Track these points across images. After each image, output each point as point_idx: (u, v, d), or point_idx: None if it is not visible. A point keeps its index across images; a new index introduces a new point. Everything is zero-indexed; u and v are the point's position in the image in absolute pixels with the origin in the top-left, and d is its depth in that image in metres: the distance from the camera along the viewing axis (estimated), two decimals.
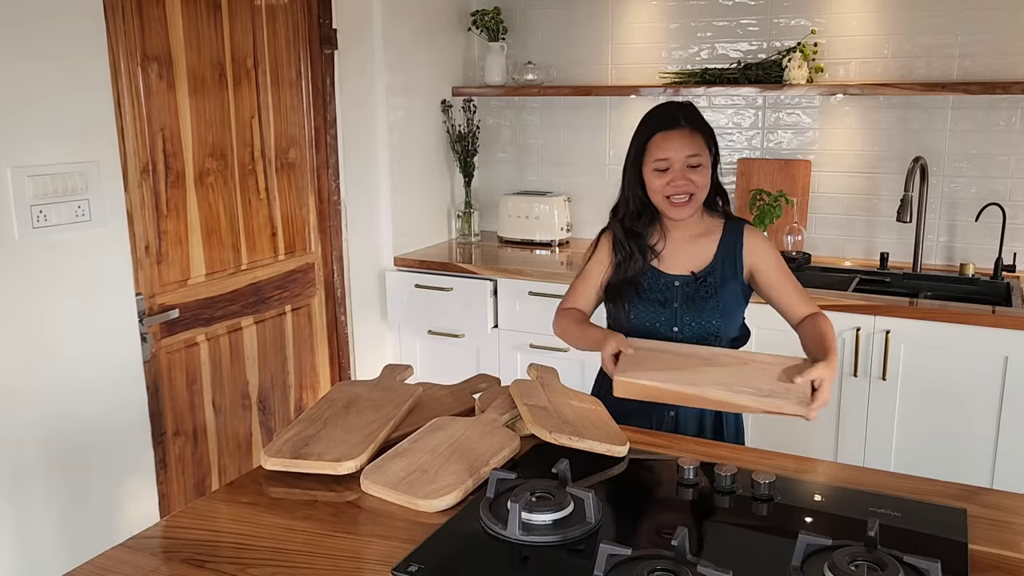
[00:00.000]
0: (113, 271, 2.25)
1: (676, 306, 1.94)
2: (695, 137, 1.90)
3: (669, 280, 1.95)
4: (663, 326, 1.94)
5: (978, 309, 2.56)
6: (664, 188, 1.90)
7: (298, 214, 2.93)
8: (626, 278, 1.97)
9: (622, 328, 1.99)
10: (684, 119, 1.90)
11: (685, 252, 1.97)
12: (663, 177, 1.89)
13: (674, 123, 1.90)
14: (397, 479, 1.41)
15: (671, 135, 1.89)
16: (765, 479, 1.37)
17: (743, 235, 1.97)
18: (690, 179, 1.88)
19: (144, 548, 1.28)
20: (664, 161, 1.89)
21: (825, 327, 1.85)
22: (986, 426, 2.56)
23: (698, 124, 1.92)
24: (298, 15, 2.85)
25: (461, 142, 3.60)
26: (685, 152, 1.88)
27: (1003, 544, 1.24)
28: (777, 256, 1.97)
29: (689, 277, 1.95)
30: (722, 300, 1.93)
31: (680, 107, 1.95)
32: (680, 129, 1.89)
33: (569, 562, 1.21)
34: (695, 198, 1.90)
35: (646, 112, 1.97)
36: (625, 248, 1.97)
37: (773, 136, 3.29)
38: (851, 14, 3.09)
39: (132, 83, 2.29)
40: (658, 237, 1.98)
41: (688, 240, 1.98)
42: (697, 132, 1.90)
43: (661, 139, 1.90)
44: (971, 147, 3.01)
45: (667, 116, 1.92)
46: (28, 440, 2.08)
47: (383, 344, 3.41)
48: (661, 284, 1.95)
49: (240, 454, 2.77)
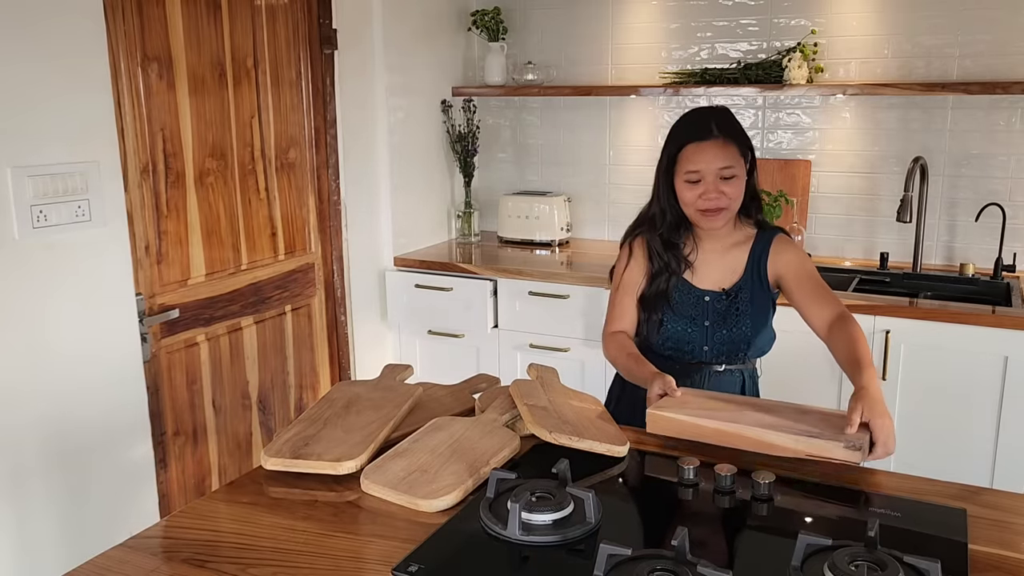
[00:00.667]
0: (113, 271, 2.25)
1: (707, 324, 1.91)
2: (728, 147, 1.82)
3: (699, 295, 1.92)
4: (695, 343, 1.92)
5: (978, 309, 2.56)
6: (696, 201, 1.84)
7: (298, 214, 2.93)
8: (660, 290, 1.93)
9: (652, 340, 1.96)
10: (718, 128, 1.83)
11: (716, 265, 1.93)
12: (695, 189, 1.83)
13: (707, 133, 1.82)
14: (397, 479, 1.41)
15: (703, 146, 1.82)
16: (765, 479, 1.37)
17: (770, 245, 1.91)
18: (723, 191, 1.82)
19: (144, 548, 1.28)
20: (696, 173, 1.82)
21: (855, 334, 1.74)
22: (986, 426, 2.56)
23: (732, 133, 1.84)
24: (298, 15, 2.85)
25: (461, 142, 3.60)
26: (718, 164, 1.81)
27: (1003, 544, 1.24)
28: (804, 262, 1.90)
29: (720, 294, 1.91)
30: (752, 317, 1.90)
31: (713, 114, 1.87)
32: (713, 140, 1.82)
33: (569, 562, 1.21)
34: (728, 210, 1.85)
35: (678, 118, 1.91)
36: (663, 259, 1.92)
37: (773, 136, 3.29)
38: (851, 14, 3.09)
39: (132, 83, 2.29)
40: (691, 248, 1.94)
41: (720, 251, 1.93)
42: (731, 142, 1.83)
43: (693, 150, 1.83)
44: (971, 147, 3.01)
45: (700, 125, 1.85)
46: (28, 440, 2.08)
47: (383, 344, 3.41)
48: (692, 299, 1.92)
49: (240, 454, 2.77)
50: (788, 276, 1.89)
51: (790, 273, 1.89)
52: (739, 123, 1.89)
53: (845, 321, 1.80)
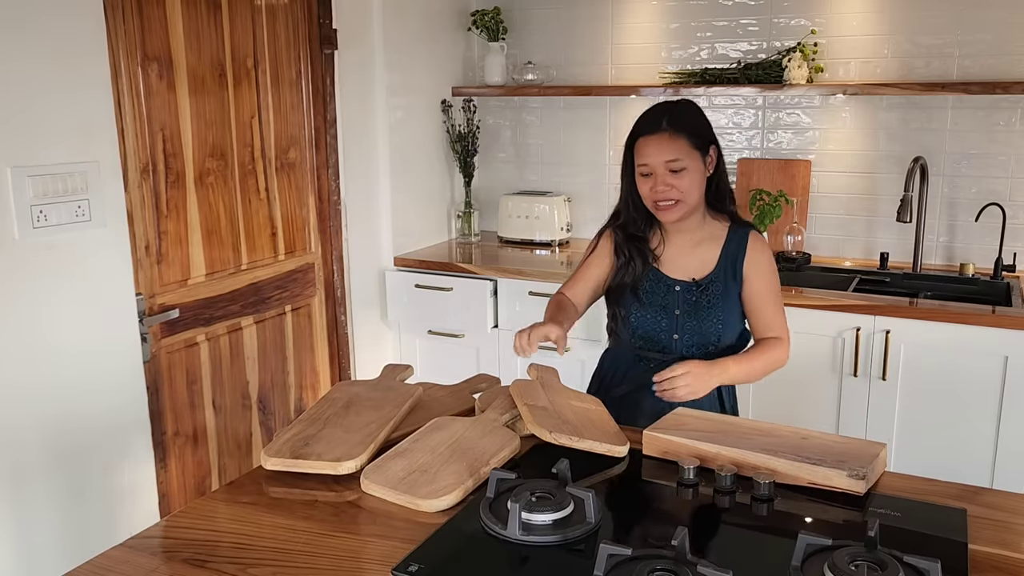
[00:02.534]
0: (113, 271, 2.25)
1: (677, 313, 1.93)
2: (676, 141, 1.85)
3: (670, 284, 1.94)
4: (664, 332, 1.94)
5: (978, 309, 2.56)
6: (649, 194, 1.88)
7: (298, 214, 2.93)
8: (626, 282, 1.96)
9: (622, 335, 1.99)
10: (667, 122, 1.86)
11: (687, 256, 1.96)
12: (647, 182, 1.88)
13: (655, 127, 1.87)
14: (397, 479, 1.41)
15: (650, 140, 1.87)
16: (765, 479, 1.37)
17: (747, 244, 1.94)
18: (671, 184, 1.85)
19: (144, 548, 1.28)
20: (646, 166, 1.87)
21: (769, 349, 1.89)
22: (986, 426, 2.56)
23: (682, 127, 1.86)
24: (298, 15, 2.85)
25: (461, 142, 3.60)
26: (664, 157, 1.85)
27: (1003, 544, 1.24)
28: (771, 274, 1.95)
29: (690, 284, 1.93)
30: (723, 310, 1.92)
31: (667, 109, 1.90)
32: (659, 134, 1.86)
33: (569, 562, 1.21)
34: (681, 203, 1.87)
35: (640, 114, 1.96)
36: (625, 252, 1.96)
37: (773, 136, 3.29)
38: (851, 14, 3.09)
39: (132, 83, 2.29)
40: (658, 240, 1.97)
41: (690, 244, 1.96)
42: (680, 135, 1.86)
43: (642, 144, 1.88)
44: (971, 147, 3.01)
45: (650, 120, 1.89)
46: (28, 440, 2.08)
47: (383, 344, 3.41)
48: (662, 288, 1.94)
49: (240, 454, 2.77)
50: (756, 282, 1.94)
51: (760, 282, 1.94)
52: (698, 118, 1.92)
53: (778, 341, 1.93)
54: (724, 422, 1.61)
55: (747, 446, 1.47)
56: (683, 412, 1.66)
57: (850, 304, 2.66)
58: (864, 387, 2.69)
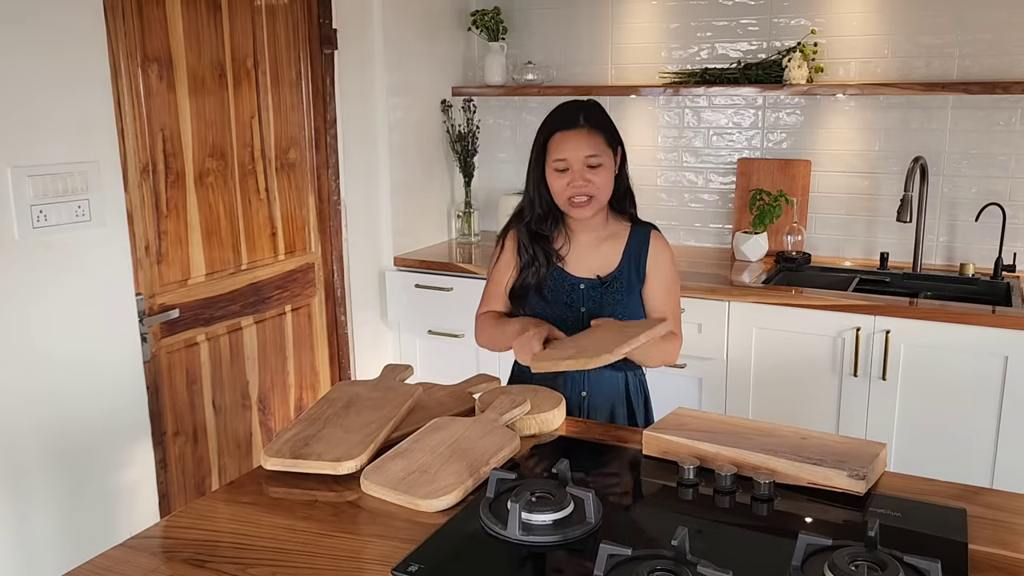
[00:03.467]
0: (113, 271, 2.25)
1: (583, 310, 1.94)
2: (595, 137, 1.87)
3: (575, 282, 1.95)
4: (569, 331, 1.91)
5: (978, 309, 2.56)
6: (564, 189, 1.88)
7: (298, 214, 2.93)
8: (530, 283, 1.97)
9: None
10: (584, 118, 1.88)
11: (591, 255, 1.97)
12: (563, 177, 1.88)
13: (573, 122, 1.88)
14: (397, 479, 1.41)
15: (569, 135, 1.87)
16: (765, 479, 1.37)
17: (649, 241, 1.96)
18: (589, 179, 1.86)
19: (144, 548, 1.28)
20: (563, 161, 1.87)
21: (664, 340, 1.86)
22: (986, 426, 2.56)
23: (599, 124, 1.89)
24: (298, 15, 2.85)
25: (461, 142, 3.60)
26: (583, 152, 1.86)
27: (1003, 544, 1.24)
28: (670, 271, 1.97)
29: (595, 280, 1.94)
30: (628, 306, 1.94)
31: (582, 106, 1.92)
32: (578, 128, 1.87)
33: (569, 562, 1.21)
34: (596, 199, 1.89)
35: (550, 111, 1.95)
36: (529, 251, 1.96)
37: (773, 136, 3.29)
38: (851, 14, 3.09)
39: (132, 83, 2.29)
40: (563, 240, 1.98)
41: (594, 243, 1.97)
42: (597, 132, 1.88)
43: (560, 139, 1.88)
44: (971, 147, 3.01)
45: (566, 115, 1.90)
46: (28, 440, 2.08)
47: (383, 344, 3.41)
48: (567, 286, 1.95)
49: (240, 454, 2.77)
50: (655, 278, 1.96)
51: (659, 279, 1.96)
52: (608, 117, 1.95)
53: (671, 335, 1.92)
54: (724, 422, 1.61)
55: (747, 446, 1.47)
56: (683, 412, 1.66)
57: (850, 304, 2.66)
58: (864, 387, 2.69)
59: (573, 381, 1.98)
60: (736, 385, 2.84)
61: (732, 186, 3.36)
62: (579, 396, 1.99)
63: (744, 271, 3.04)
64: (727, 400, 2.86)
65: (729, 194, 3.39)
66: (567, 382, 1.97)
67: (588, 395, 1.99)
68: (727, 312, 2.80)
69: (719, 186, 3.41)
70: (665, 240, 2.01)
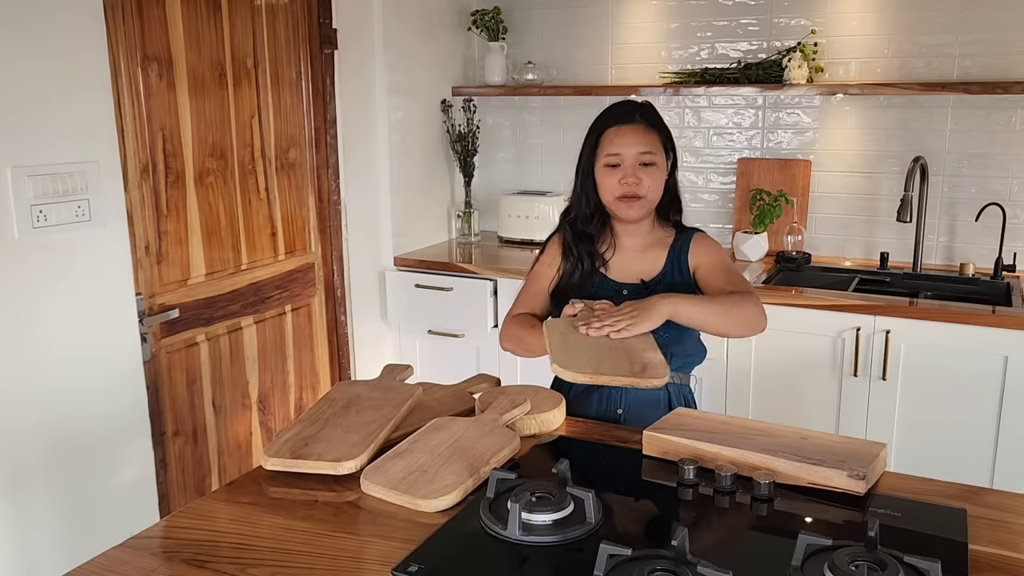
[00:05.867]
0: (113, 271, 2.25)
1: None
2: (650, 135, 1.84)
3: (618, 288, 1.89)
4: None
5: (978, 309, 2.56)
6: (615, 186, 1.84)
7: (298, 214, 2.93)
8: (572, 283, 1.91)
9: None
10: (640, 116, 1.85)
11: (635, 261, 1.92)
12: (614, 174, 1.84)
13: (630, 118, 1.85)
14: (397, 479, 1.41)
15: (624, 129, 1.84)
16: (765, 479, 1.37)
17: (691, 240, 1.91)
18: (640, 178, 1.82)
19: (144, 548, 1.28)
20: (616, 156, 1.83)
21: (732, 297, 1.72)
22: (986, 426, 2.56)
23: (655, 123, 1.86)
24: (298, 15, 2.85)
25: (461, 142, 3.60)
26: (638, 148, 1.82)
27: (1003, 544, 1.24)
28: (718, 255, 1.89)
29: (639, 285, 1.88)
30: None
31: (638, 105, 1.89)
32: (635, 124, 1.84)
33: (569, 562, 1.20)
34: (645, 200, 1.84)
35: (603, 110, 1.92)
36: (574, 252, 1.91)
37: (773, 136, 3.29)
38: (851, 14, 3.09)
39: (132, 83, 2.29)
40: (607, 245, 1.93)
41: (638, 249, 1.92)
42: (653, 130, 1.85)
43: (614, 133, 1.84)
44: (971, 147, 3.01)
45: (623, 111, 1.87)
46: (28, 440, 2.08)
47: (383, 344, 3.41)
48: (608, 292, 1.88)
49: (240, 454, 2.77)
50: (705, 264, 1.88)
51: (707, 262, 1.88)
52: (663, 121, 1.91)
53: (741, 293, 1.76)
54: (724, 422, 1.61)
55: (747, 446, 1.47)
56: (683, 412, 1.66)
57: (850, 304, 2.66)
58: (864, 387, 2.69)
59: (609, 397, 1.88)
60: (736, 385, 2.84)
61: (732, 186, 3.37)
62: (615, 413, 1.88)
63: (744, 271, 3.04)
64: (727, 400, 2.86)
65: (729, 194, 3.39)
66: (601, 398, 1.87)
67: (625, 412, 1.88)
68: None
69: (719, 186, 3.41)
70: (710, 237, 1.95)
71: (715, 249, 1.91)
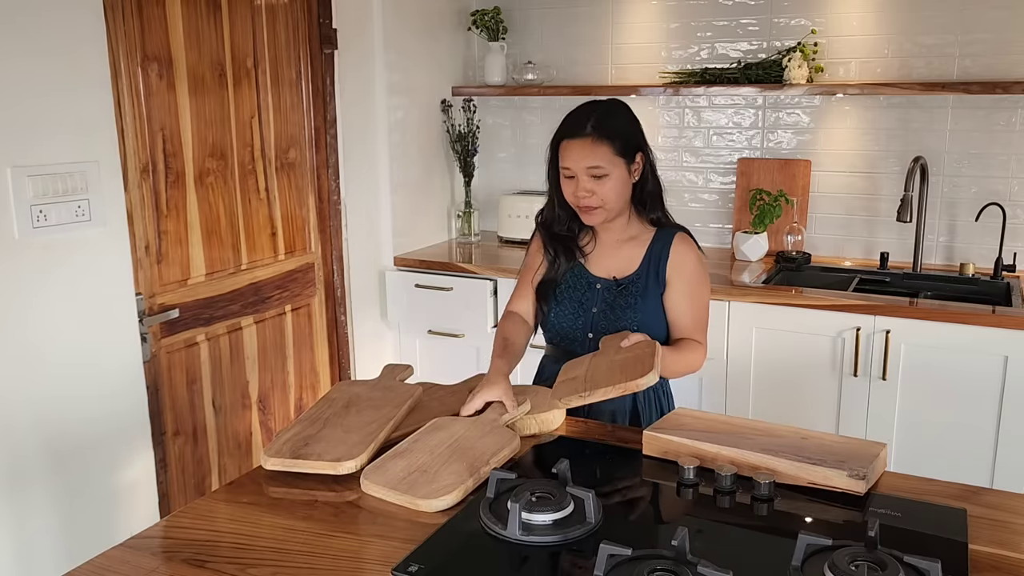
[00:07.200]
0: (113, 271, 2.25)
1: (594, 311, 1.90)
2: (599, 147, 1.80)
3: (592, 281, 1.93)
4: (578, 331, 1.91)
5: (978, 309, 2.56)
6: (572, 196, 1.86)
7: (298, 214, 2.93)
8: (550, 278, 1.96)
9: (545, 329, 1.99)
10: (592, 127, 1.80)
11: (612, 256, 1.93)
12: (570, 184, 1.85)
13: (578, 130, 1.82)
14: (397, 479, 1.41)
15: (572, 144, 1.83)
16: (765, 479, 1.37)
17: (671, 245, 1.90)
18: (591, 190, 1.82)
19: (144, 548, 1.28)
20: (568, 170, 1.84)
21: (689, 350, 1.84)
22: (986, 426, 2.56)
23: (609, 132, 1.81)
24: (298, 15, 2.85)
25: (461, 142, 3.60)
26: (584, 163, 1.81)
27: (1003, 544, 1.24)
28: (694, 275, 1.89)
29: (611, 282, 1.90)
30: (641, 311, 1.87)
31: (593, 111, 1.84)
32: (582, 138, 1.81)
33: (569, 562, 1.21)
34: (602, 209, 1.85)
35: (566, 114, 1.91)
36: (551, 251, 1.96)
37: (773, 136, 3.29)
38: (851, 14, 3.09)
39: (132, 83, 2.29)
40: (588, 238, 1.96)
41: (615, 245, 1.94)
42: (604, 142, 1.80)
43: (565, 147, 1.85)
44: (971, 147, 3.01)
45: (573, 123, 1.85)
46: (28, 440, 2.08)
47: (383, 344, 3.41)
48: (583, 284, 1.93)
49: (240, 454, 2.77)
50: (677, 287, 1.89)
51: (681, 285, 1.89)
52: (626, 123, 1.87)
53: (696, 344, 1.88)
54: (724, 422, 1.61)
55: (747, 446, 1.47)
56: (683, 412, 1.66)
57: (850, 304, 2.66)
58: (864, 387, 2.69)
59: None
60: (736, 385, 2.84)
61: (732, 186, 3.36)
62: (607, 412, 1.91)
63: (744, 271, 3.04)
64: (727, 400, 2.86)
65: (729, 194, 3.39)
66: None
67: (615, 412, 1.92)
68: (727, 312, 2.80)
69: (719, 186, 3.41)
70: (691, 243, 1.93)
71: (691, 268, 1.90)
